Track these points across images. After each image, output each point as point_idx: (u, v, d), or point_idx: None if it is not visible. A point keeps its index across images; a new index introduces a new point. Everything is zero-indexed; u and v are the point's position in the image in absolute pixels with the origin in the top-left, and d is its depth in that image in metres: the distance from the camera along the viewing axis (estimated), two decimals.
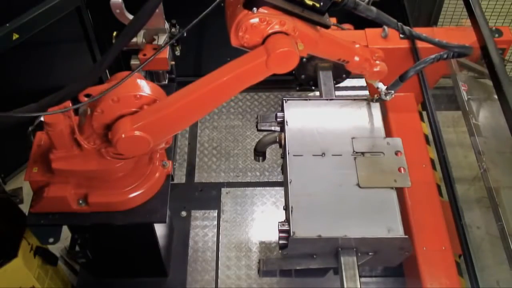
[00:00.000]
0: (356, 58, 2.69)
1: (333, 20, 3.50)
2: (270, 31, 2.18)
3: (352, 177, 2.70)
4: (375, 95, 2.93)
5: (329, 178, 2.70)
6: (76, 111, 2.48)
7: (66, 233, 2.98)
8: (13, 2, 3.54)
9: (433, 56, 2.65)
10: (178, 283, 3.62)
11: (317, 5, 2.19)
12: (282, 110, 3.01)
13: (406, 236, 2.51)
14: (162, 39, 2.99)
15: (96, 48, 4.29)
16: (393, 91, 2.83)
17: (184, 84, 2.33)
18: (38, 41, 3.81)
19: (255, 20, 2.15)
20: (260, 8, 2.13)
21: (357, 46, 2.72)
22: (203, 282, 3.64)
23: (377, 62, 2.76)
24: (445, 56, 2.60)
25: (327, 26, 2.32)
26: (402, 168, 2.73)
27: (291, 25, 2.19)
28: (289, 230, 2.51)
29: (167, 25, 3.00)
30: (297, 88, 3.78)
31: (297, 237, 2.49)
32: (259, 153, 3.17)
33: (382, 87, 2.85)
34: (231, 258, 3.76)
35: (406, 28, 2.45)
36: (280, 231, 2.54)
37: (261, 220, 3.95)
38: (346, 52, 2.67)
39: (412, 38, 2.57)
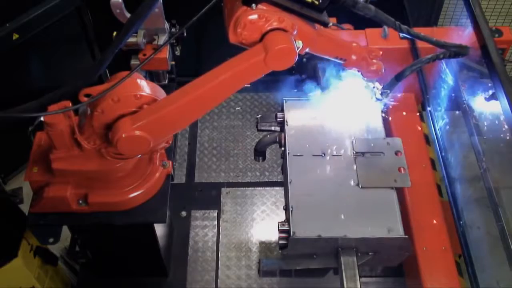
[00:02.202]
0: (353, 57, 2.69)
1: (333, 20, 3.50)
2: (269, 27, 2.18)
3: (352, 177, 2.70)
4: (372, 95, 2.93)
5: (329, 178, 2.71)
6: (76, 111, 2.48)
7: (66, 233, 2.97)
8: (13, 2, 3.54)
9: (429, 56, 2.65)
10: (178, 283, 3.62)
11: (316, 2, 2.19)
12: (282, 110, 3.01)
13: (406, 236, 2.51)
14: (162, 39, 2.98)
15: (96, 48, 4.27)
16: (389, 91, 2.83)
17: (184, 84, 2.32)
18: (38, 41, 3.80)
19: (254, 17, 2.15)
20: (259, 5, 2.14)
21: (354, 44, 2.72)
22: (203, 282, 3.64)
23: (374, 61, 2.77)
24: (441, 55, 2.60)
25: (325, 24, 2.32)
26: (402, 168, 2.74)
27: (289, 22, 2.19)
28: (289, 230, 2.52)
29: (167, 25, 3.00)
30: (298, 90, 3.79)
31: (297, 237, 2.49)
32: (259, 153, 3.17)
33: (378, 86, 2.85)
34: (231, 258, 3.75)
35: (404, 27, 2.44)
36: (280, 231, 2.54)
37: (261, 220, 3.95)
38: (343, 50, 2.68)
39: (410, 37, 2.56)
